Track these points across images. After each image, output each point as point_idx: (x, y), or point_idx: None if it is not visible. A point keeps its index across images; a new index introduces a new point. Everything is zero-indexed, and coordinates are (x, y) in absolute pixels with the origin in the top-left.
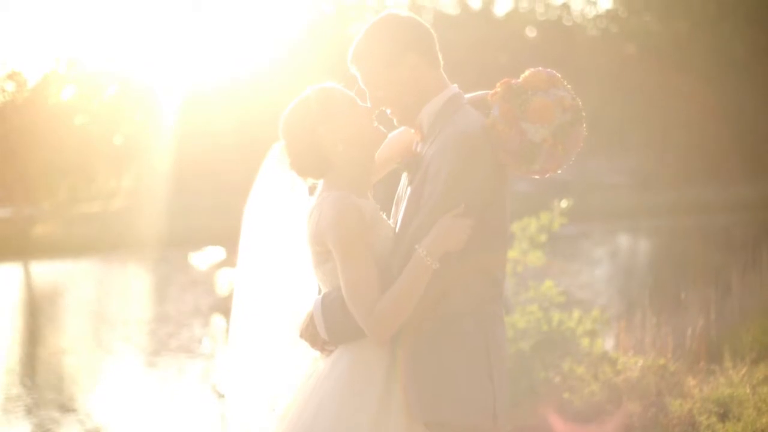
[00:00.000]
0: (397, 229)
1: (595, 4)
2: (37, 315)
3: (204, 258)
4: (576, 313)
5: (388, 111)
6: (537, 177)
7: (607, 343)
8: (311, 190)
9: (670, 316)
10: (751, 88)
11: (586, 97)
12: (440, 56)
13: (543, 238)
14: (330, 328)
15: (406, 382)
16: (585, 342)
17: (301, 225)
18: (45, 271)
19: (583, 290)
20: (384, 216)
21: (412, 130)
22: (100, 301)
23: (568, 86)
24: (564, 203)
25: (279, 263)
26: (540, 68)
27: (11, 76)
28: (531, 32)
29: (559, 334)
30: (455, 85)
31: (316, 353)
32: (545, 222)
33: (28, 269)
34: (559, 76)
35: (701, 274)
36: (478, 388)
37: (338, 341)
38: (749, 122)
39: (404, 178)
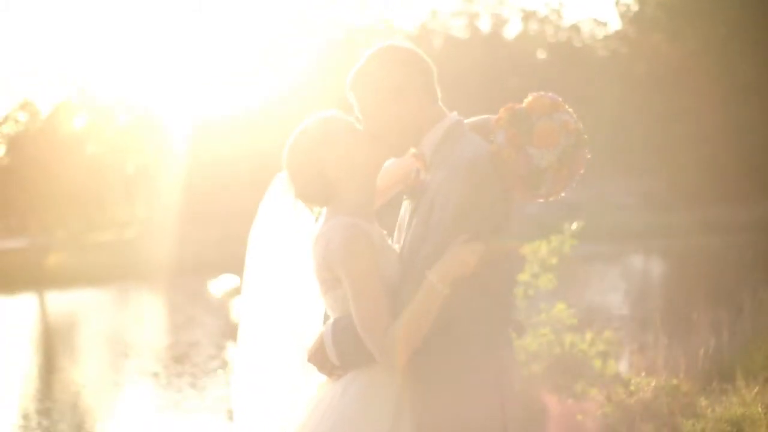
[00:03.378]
0: (402, 255)
1: (604, 25)
2: (52, 345)
3: (219, 285)
4: (588, 335)
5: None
6: (542, 200)
7: (620, 365)
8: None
9: (683, 336)
10: (761, 107)
11: (596, 118)
12: (438, 89)
13: (554, 261)
14: (341, 353)
15: (416, 410)
16: (597, 364)
17: (307, 252)
18: (60, 301)
19: (596, 312)
20: (390, 242)
21: (414, 158)
22: (116, 330)
23: (570, 110)
24: (574, 226)
25: (285, 290)
26: (543, 93)
27: (24, 106)
28: (541, 54)
29: (571, 356)
30: (455, 112)
31: (324, 378)
32: (556, 245)
33: (43, 299)
34: (561, 100)
35: (713, 294)
36: (489, 415)
37: (349, 367)
38: (760, 142)
39: (405, 204)
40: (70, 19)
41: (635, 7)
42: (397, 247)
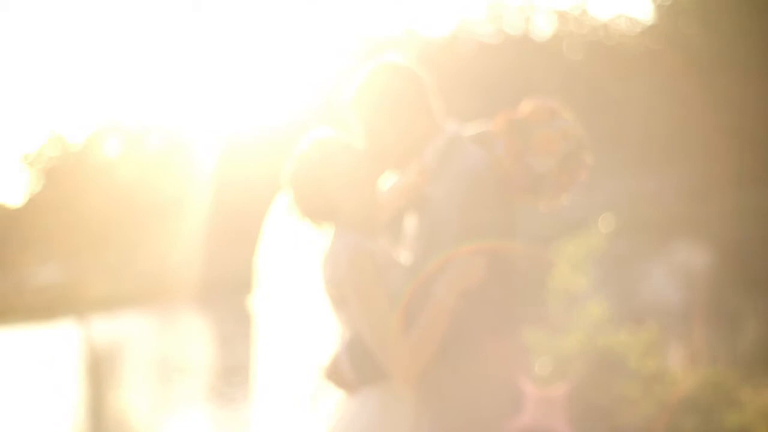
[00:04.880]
0: (408, 269)
1: (637, 20)
2: (99, 373)
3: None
4: (626, 332)
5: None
6: (544, 207)
7: (660, 359)
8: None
9: (725, 327)
10: None
11: (633, 114)
12: (436, 102)
13: (585, 260)
14: (357, 369)
15: (433, 422)
16: (636, 360)
17: (316, 271)
18: (103, 329)
19: (635, 307)
20: (396, 255)
21: (416, 171)
22: (161, 355)
23: (568, 116)
24: (605, 224)
25: (295, 310)
26: (540, 100)
27: (56, 139)
28: (574, 54)
29: (609, 353)
30: (454, 124)
31: (341, 394)
32: (586, 244)
33: (84, 325)
34: (559, 106)
35: (754, 283)
36: (504, 423)
37: (365, 382)
38: None
39: (410, 218)
40: (98, 47)
41: (667, 1)
42: (403, 260)
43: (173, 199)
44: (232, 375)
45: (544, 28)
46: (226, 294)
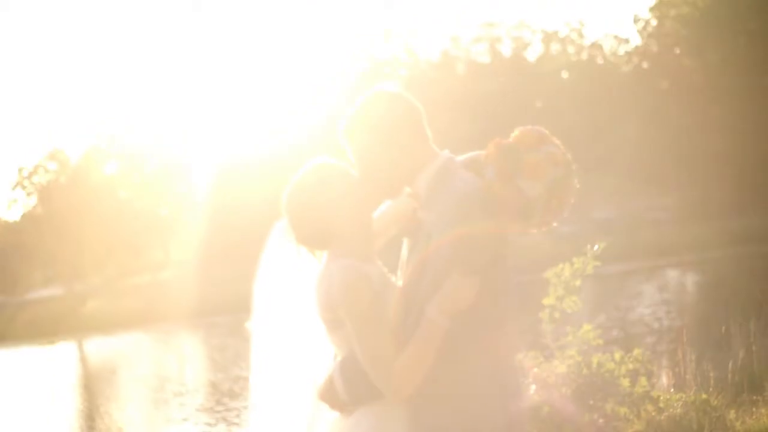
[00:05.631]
0: (403, 292)
1: (626, 41)
2: (94, 391)
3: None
4: (617, 355)
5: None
6: (535, 231)
7: (650, 382)
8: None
9: (713, 350)
10: None
11: (623, 135)
12: (428, 130)
13: (578, 283)
14: (350, 390)
15: None
16: (626, 382)
17: (311, 295)
18: (99, 347)
19: (626, 329)
20: (392, 279)
21: (410, 197)
22: (153, 373)
23: (557, 142)
24: (597, 246)
25: (292, 332)
26: (529, 126)
27: (54, 155)
28: (564, 74)
29: (600, 376)
30: (446, 150)
31: (336, 414)
32: (579, 267)
33: (82, 345)
34: (547, 132)
35: (743, 307)
36: None
37: (359, 403)
38: None
39: (405, 243)
40: (97, 65)
41: (654, 22)
42: (399, 284)
43: (171, 220)
44: (225, 395)
45: (534, 48)
46: (222, 315)
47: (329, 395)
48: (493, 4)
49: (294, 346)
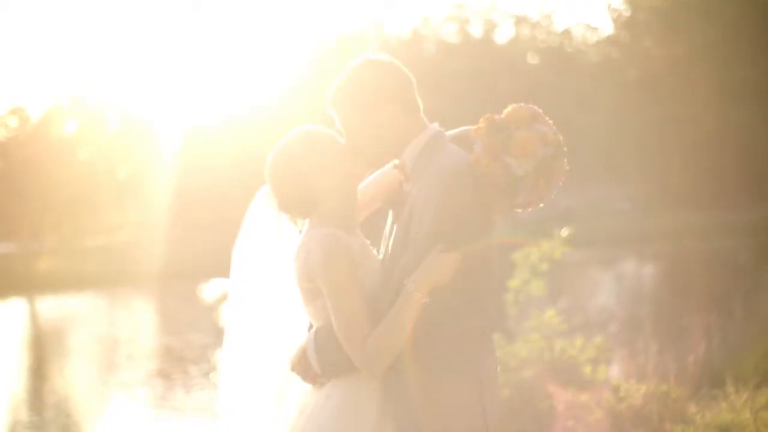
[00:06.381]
0: (384, 265)
1: (596, 30)
2: (42, 350)
3: (210, 290)
4: (579, 341)
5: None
6: (520, 210)
7: (611, 370)
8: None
9: (674, 341)
10: (753, 111)
11: (588, 123)
12: (419, 100)
13: (544, 267)
14: (323, 362)
15: (398, 417)
16: (587, 370)
17: (290, 263)
18: (50, 306)
19: (588, 317)
20: (374, 251)
21: (396, 169)
22: (106, 335)
23: (550, 122)
24: (565, 232)
25: (269, 301)
26: (522, 104)
27: (14, 112)
28: (533, 59)
29: (561, 362)
30: (436, 123)
31: (308, 386)
32: (546, 251)
33: (33, 304)
34: (541, 111)
35: (705, 300)
36: (471, 424)
37: (331, 375)
38: (751, 147)
39: (390, 215)
40: (61, 23)
41: (627, 12)
42: (381, 257)
43: (130, 182)
44: (182, 361)
45: (504, 32)
46: (178, 280)
47: (301, 366)
48: None
49: (270, 316)
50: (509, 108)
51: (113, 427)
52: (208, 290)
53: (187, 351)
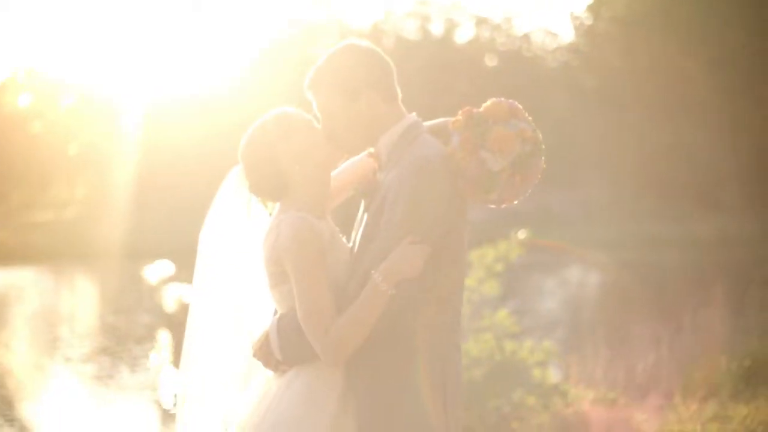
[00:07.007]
0: (354, 254)
1: (556, 36)
2: None
3: (155, 271)
4: (528, 344)
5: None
6: (494, 206)
7: (559, 375)
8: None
9: (623, 350)
10: (708, 126)
11: (542, 129)
12: (398, 89)
13: (499, 267)
14: (285, 349)
15: (359, 408)
16: (536, 373)
17: (258, 247)
18: None
19: (536, 321)
20: (344, 239)
21: (371, 158)
22: (49, 311)
23: (529, 118)
24: (522, 234)
25: (235, 285)
26: (502, 99)
27: None
28: (491, 61)
29: (511, 363)
30: (413, 114)
31: (270, 373)
32: (502, 252)
33: None
34: (521, 107)
35: (653, 310)
36: (433, 418)
37: (293, 362)
38: (704, 160)
39: (362, 204)
40: None
41: (589, 21)
42: (350, 245)
43: (86, 157)
44: (126, 339)
45: (464, 32)
46: (130, 259)
47: (264, 353)
48: None
49: (236, 299)
50: (488, 102)
51: (48, 402)
52: (153, 271)
53: (131, 330)
